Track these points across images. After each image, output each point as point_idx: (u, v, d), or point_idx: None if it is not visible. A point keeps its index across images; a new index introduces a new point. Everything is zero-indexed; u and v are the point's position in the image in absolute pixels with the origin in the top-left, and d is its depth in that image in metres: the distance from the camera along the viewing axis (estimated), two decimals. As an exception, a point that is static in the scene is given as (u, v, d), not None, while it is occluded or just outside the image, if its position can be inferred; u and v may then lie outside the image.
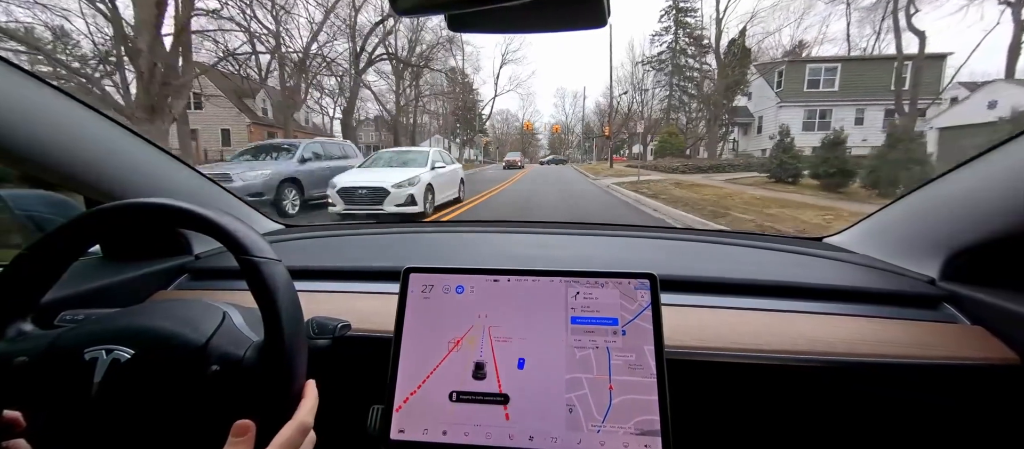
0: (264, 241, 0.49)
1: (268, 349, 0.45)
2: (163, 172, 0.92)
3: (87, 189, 0.81)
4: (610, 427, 0.51)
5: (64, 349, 0.45)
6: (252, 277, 0.46)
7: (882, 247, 0.89)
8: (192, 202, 0.50)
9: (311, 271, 0.91)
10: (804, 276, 0.81)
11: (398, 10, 0.39)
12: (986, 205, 0.67)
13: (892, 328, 0.66)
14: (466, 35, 2.57)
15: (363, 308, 0.73)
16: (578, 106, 69.58)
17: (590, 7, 0.39)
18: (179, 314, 0.49)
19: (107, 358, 0.44)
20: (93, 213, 0.50)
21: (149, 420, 0.44)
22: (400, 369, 0.56)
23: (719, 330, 0.66)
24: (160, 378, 0.44)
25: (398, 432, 0.54)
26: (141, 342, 0.45)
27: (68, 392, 0.43)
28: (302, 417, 0.44)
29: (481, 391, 0.54)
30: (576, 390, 0.53)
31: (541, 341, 0.56)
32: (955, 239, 0.73)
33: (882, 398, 0.63)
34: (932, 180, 0.80)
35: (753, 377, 0.63)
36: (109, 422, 0.43)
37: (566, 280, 0.59)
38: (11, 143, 0.64)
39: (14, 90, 0.64)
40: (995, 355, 0.61)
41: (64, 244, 0.50)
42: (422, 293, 0.60)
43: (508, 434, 0.52)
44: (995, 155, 0.67)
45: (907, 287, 0.76)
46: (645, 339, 0.54)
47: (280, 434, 0.42)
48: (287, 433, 0.42)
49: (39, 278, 0.49)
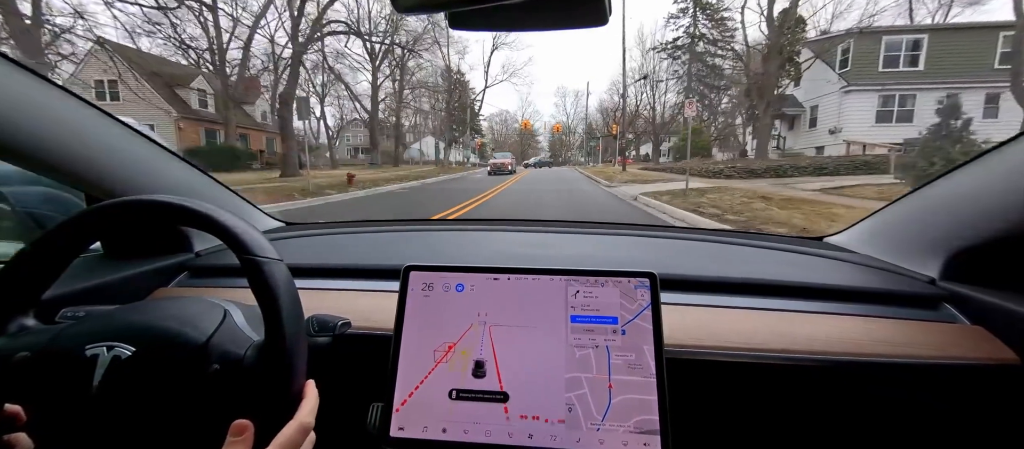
0: (265, 240, 0.49)
1: (269, 349, 0.45)
2: (165, 169, 0.92)
3: (89, 186, 0.81)
4: (609, 426, 0.51)
5: (65, 345, 0.45)
6: (253, 276, 0.46)
7: (883, 247, 0.89)
8: (193, 199, 0.50)
9: (312, 269, 0.91)
10: (804, 276, 0.81)
11: (399, 8, 0.39)
12: (986, 205, 0.67)
13: (892, 328, 0.66)
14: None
15: (363, 306, 0.74)
16: (580, 105, 66.18)
17: (591, 5, 0.39)
18: (180, 312, 0.50)
19: (108, 355, 0.44)
20: (94, 210, 0.50)
21: (149, 418, 0.44)
22: (400, 367, 0.56)
23: (719, 329, 0.66)
24: (161, 376, 0.44)
25: (398, 430, 0.54)
26: (142, 340, 0.45)
27: (69, 388, 0.44)
28: (303, 417, 0.44)
29: (481, 389, 0.55)
30: (575, 389, 0.53)
31: (541, 339, 0.56)
32: (955, 239, 0.72)
33: (882, 398, 0.63)
34: (933, 180, 0.80)
35: (753, 376, 0.63)
36: (109, 419, 0.44)
37: (566, 279, 0.59)
38: (13, 140, 0.64)
39: (15, 87, 0.64)
40: (995, 355, 0.61)
41: (65, 241, 0.50)
42: (422, 291, 0.60)
43: (507, 432, 0.53)
44: (995, 155, 0.67)
45: (907, 287, 0.76)
46: (645, 339, 0.54)
47: (281, 434, 0.42)
48: (288, 433, 0.42)
49: (40, 274, 0.50)
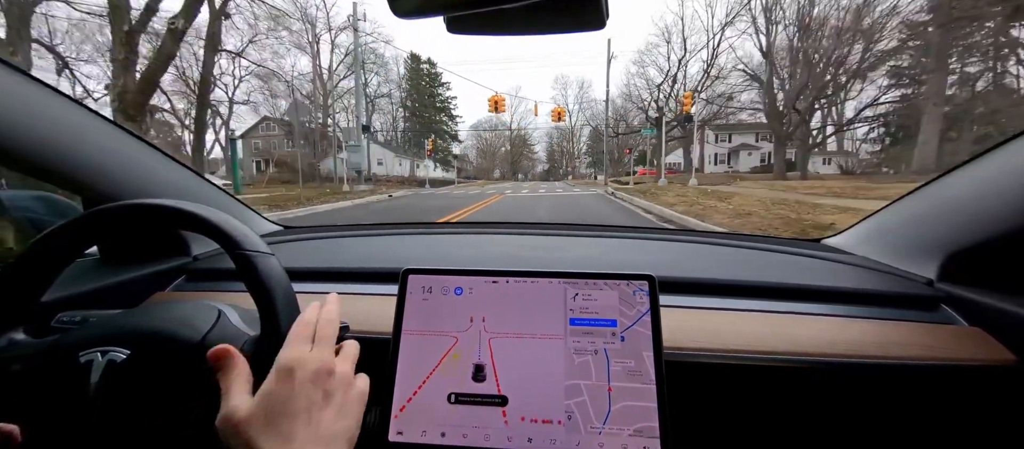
0: (257, 236, 0.49)
1: (264, 343, 0.45)
2: (161, 172, 0.92)
3: (86, 190, 0.80)
4: (609, 431, 0.51)
5: (59, 353, 0.45)
6: (246, 271, 0.46)
7: (880, 249, 0.89)
8: (186, 201, 0.50)
9: (310, 272, 0.91)
10: (803, 278, 0.81)
11: (397, 12, 0.39)
12: (984, 206, 0.67)
13: (891, 329, 0.66)
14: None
15: (362, 309, 0.73)
16: (585, 100, 51.77)
17: (589, 8, 0.40)
18: (174, 313, 0.49)
19: (103, 360, 0.43)
20: (87, 215, 0.50)
21: (147, 419, 0.44)
22: (399, 370, 0.56)
23: (718, 332, 0.66)
24: (157, 377, 0.44)
25: (396, 434, 0.53)
26: (137, 342, 0.45)
27: (65, 396, 0.43)
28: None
29: (480, 393, 0.54)
30: (575, 397, 0.53)
31: (540, 342, 0.56)
32: (953, 240, 0.73)
33: (881, 399, 0.63)
34: (931, 181, 0.80)
35: (752, 379, 0.63)
36: (107, 423, 0.43)
37: (565, 281, 0.59)
38: (8, 144, 0.64)
39: (10, 90, 0.64)
40: (993, 356, 0.61)
41: (59, 246, 0.50)
42: (421, 294, 0.60)
43: (507, 436, 0.52)
44: (993, 156, 0.68)
45: (905, 288, 0.76)
46: (644, 344, 0.54)
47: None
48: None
49: (35, 280, 0.49)
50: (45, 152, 0.69)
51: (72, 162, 0.74)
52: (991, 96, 16.36)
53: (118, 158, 0.82)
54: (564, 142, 57.18)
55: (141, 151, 0.86)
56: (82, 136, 0.75)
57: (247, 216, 1.19)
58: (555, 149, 60.29)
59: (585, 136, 53.96)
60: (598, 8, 0.39)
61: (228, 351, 0.41)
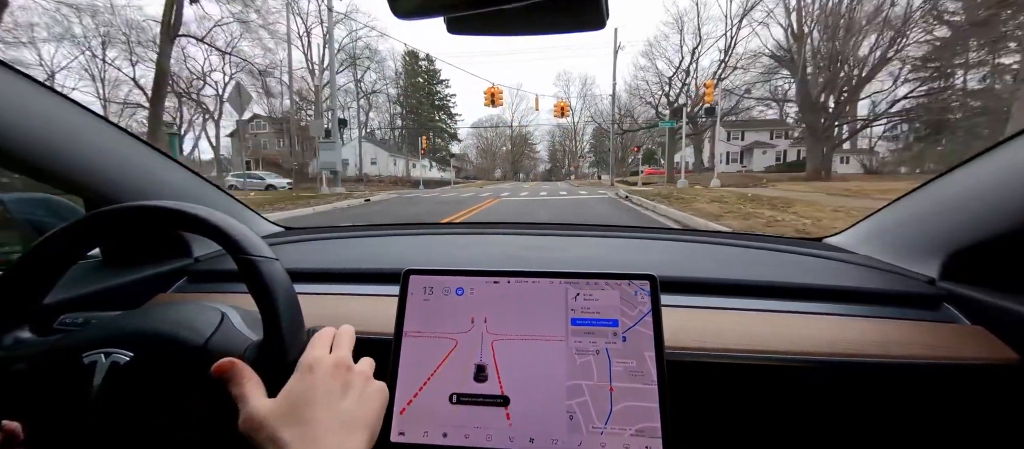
0: (260, 240, 0.49)
1: (267, 347, 0.45)
2: (164, 174, 0.92)
3: (88, 192, 0.81)
4: (611, 431, 0.51)
5: (62, 354, 0.45)
6: (249, 276, 0.46)
7: (882, 247, 0.89)
8: (188, 203, 0.50)
9: (310, 273, 0.91)
10: (804, 277, 0.81)
11: (397, 13, 0.39)
12: (986, 205, 0.67)
13: (893, 328, 0.66)
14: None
15: (363, 310, 0.73)
16: (589, 96, 49.57)
17: (589, 8, 0.40)
18: (177, 316, 0.49)
19: (106, 361, 0.44)
20: (89, 217, 0.50)
21: (150, 422, 0.44)
22: (400, 371, 0.56)
23: (719, 331, 0.66)
24: (160, 379, 0.44)
25: (398, 435, 0.53)
26: (140, 344, 0.45)
27: (68, 397, 0.43)
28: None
29: (482, 393, 0.54)
30: (576, 397, 0.53)
31: (542, 342, 0.56)
32: (955, 239, 0.73)
33: (883, 398, 0.63)
34: (932, 180, 0.80)
35: (754, 378, 0.63)
36: (110, 425, 0.43)
37: (566, 281, 0.59)
38: (11, 147, 0.64)
39: (12, 93, 0.64)
40: (995, 355, 0.61)
41: (61, 248, 0.50)
42: (422, 295, 0.60)
43: (509, 436, 0.52)
44: (995, 155, 0.68)
45: (907, 287, 0.76)
46: (646, 344, 0.54)
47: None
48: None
49: (37, 282, 0.49)
50: (47, 154, 0.69)
51: (72, 163, 0.74)
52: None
53: (117, 159, 0.82)
54: (566, 141, 55.86)
55: (141, 152, 0.86)
56: (83, 138, 0.75)
57: (247, 217, 1.19)
58: (557, 148, 59.29)
59: (588, 134, 52.56)
60: (598, 8, 0.39)
61: (233, 364, 0.42)
